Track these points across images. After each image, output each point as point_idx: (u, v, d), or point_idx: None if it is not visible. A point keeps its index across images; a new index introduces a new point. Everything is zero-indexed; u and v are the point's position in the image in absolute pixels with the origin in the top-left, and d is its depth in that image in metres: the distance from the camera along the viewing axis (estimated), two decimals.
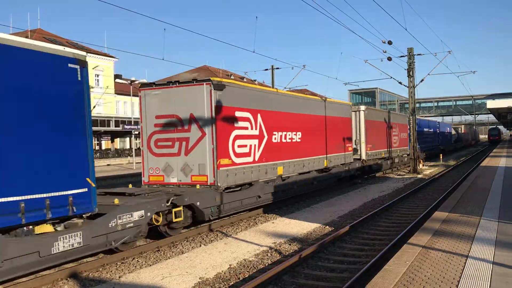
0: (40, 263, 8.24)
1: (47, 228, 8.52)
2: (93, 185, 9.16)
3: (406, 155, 34.33)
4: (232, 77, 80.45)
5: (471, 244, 7.72)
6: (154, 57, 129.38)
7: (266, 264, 9.69)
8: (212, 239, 12.19)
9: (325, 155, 20.67)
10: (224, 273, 9.09)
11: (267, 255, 10.42)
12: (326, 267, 9.41)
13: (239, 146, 14.15)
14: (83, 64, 9.01)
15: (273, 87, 42.27)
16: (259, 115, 15.28)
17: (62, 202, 8.52)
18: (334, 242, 11.25)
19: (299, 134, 18.19)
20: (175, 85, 13.63)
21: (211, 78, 13.12)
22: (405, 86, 32.13)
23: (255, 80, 59.66)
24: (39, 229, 8.42)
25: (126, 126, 55.70)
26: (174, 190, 12.59)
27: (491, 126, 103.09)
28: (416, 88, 31.94)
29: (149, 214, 10.73)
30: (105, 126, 55.63)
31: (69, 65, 8.76)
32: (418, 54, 32.12)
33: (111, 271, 9.50)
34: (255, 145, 15.06)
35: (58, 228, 8.80)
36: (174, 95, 13.54)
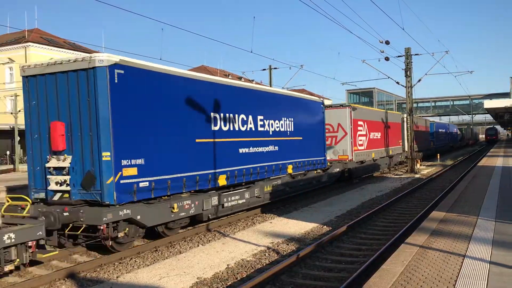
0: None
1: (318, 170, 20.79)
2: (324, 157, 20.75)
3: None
4: (230, 77, 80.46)
5: (468, 244, 7.74)
6: (151, 57, 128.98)
7: (264, 264, 9.70)
8: (210, 239, 12.19)
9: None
10: (222, 273, 9.09)
11: (265, 255, 10.43)
12: (323, 267, 9.42)
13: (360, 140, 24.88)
14: (323, 104, 21.18)
15: (270, 87, 42.30)
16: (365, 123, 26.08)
17: (320, 162, 20.38)
18: (332, 242, 11.26)
19: (379, 134, 28.97)
20: (331, 107, 24.48)
21: (351, 105, 24.62)
22: (403, 86, 32.21)
23: (253, 80, 59.70)
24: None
25: None
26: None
27: (488, 126, 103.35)
28: (414, 88, 32.00)
29: (339, 170, 22.76)
30: None
31: (321, 105, 20.87)
32: (415, 54, 32.16)
33: (108, 271, 9.49)
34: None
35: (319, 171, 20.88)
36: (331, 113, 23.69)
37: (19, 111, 36.72)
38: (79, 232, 10.05)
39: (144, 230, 11.26)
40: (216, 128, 13.16)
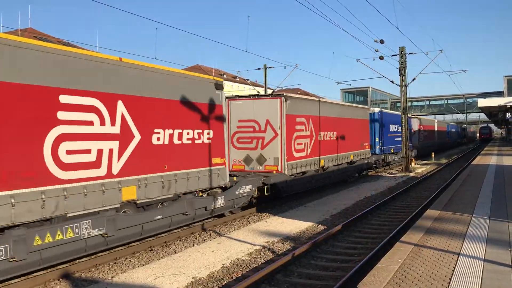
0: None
1: None
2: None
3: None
4: (225, 76, 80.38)
5: (462, 242, 7.77)
6: (146, 56, 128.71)
7: (259, 263, 9.70)
8: (205, 238, 12.18)
9: None
10: (217, 273, 9.08)
11: (260, 254, 10.43)
12: (319, 265, 9.44)
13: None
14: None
15: (265, 87, 42.30)
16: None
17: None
18: (327, 241, 11.28)
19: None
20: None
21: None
22: (397, 85, 32.27)
23: (247, 79, 59.63)
24: None
25: None
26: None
27: (482, 125, 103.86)
28: (408, 87, 32.05)
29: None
30: None
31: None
32: (409, 53, 32.18)
33: (103, 271, 9.46)
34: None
35: None
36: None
37: None
38: None
39: None
40: None
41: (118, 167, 10.19)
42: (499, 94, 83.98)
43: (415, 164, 34.90)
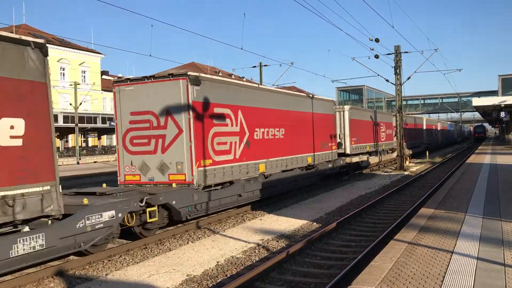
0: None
1: None
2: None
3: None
4: (220, 73, 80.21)
5: (456, 240, 7.80)
6: (141, 54, 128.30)
7: (254, 261, 9.70)
8: (199, 236, 12.17)
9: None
10: (212, 270, 9.08)
11: (255, 252, 10.44)
12: (313, 263, 9.46)
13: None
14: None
15: (261, 84, 42.26)
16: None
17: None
18: (322, 239, 11.30)
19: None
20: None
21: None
22: (392, 83, 32.35)
23: (243, 77, 59.58)
24: None
25: (112, 123, 55.28)
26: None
27: (476, 124, 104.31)
28: (403, 85, 32.19)
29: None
30: (91, 123, 55.22)
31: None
32: (405, 52, 32.29)
33: (97, 269, 9.44)
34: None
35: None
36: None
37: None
38: None
39: None
40: None
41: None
42: (493, 93, 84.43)
43: (409, 162, 35.02)
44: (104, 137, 65.34)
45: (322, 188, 21.52)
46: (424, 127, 54.53)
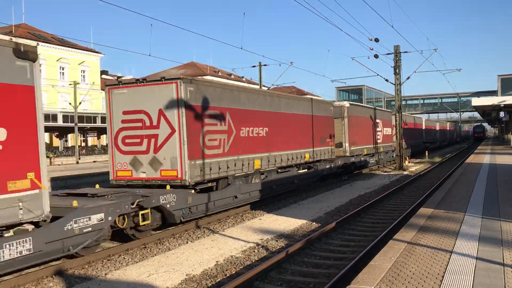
0: None
1: None
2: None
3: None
4: (220, 73, 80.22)
5: (455, 240, 7.81)
6: (140, 53, 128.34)
7: (253, 261, 9.70)
8: (199, 235, 12.17)
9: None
10: (211, 270, 9.08)
11: (254, 251, 10.44)
12: (312, 263, 9.46)
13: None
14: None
15: (260, 84, 42.25)
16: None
17: None
18: (321, 238, 11.30)
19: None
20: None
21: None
22: (392, 83, 32.36)
23: (242, 77, 59.60)
24: None
25: None
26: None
27: (476, 124, 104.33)
28: (403, 85, 32.18)
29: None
30: (91, 123, 55.21)
31: None
32: (404, 52, 32.26)
33: (97, 268, 9.44)
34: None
35: None
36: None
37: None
38: None
39: None
40: None
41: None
42: (493, 93, 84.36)
43: (409, 162, 35.04)
44: (103, 137, 65.27)
45: (321, 188, 21.52)
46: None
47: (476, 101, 42.40)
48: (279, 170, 18.56)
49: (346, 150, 25.70)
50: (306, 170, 20.64)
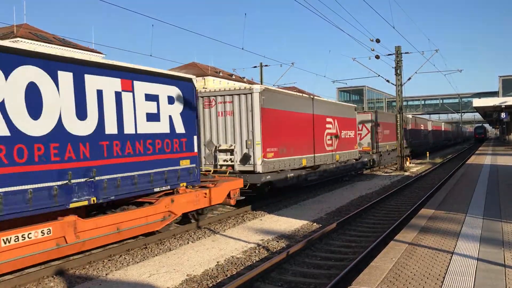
0: None
1: None
2: None
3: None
4: (221, 73, 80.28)
5: (456, 241, 7.81)
6: (141, 53, 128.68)
7: (254, 261, 9.70)
8: (200, 236, 12.17)
9: None
10: (212, 270, 9.08)
11: (255, 252, 10.44)
12: (313, 264, 9.46)
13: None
14: None
15: (261, 84, 42.27)
16: None
17: None
18: (322, 239, 11.30)
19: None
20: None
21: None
22: (393, 84, 32.38)
23: (243, 77, 59.66)
24: None
25: None
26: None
27: (477, 125, 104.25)
28: (404, 86, 32.19)
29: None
30: None
31: None
32: (405, 53, 32.28)
33: (97, 269, 9.45)
34: None
35: None
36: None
37: None
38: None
39: None
40: None
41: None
42: (494, 94, 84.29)
43: (410, 163, 35.03)
44: None
45: (322, 189, 21.52)
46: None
47: (477, 102, 42.29)
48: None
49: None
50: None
